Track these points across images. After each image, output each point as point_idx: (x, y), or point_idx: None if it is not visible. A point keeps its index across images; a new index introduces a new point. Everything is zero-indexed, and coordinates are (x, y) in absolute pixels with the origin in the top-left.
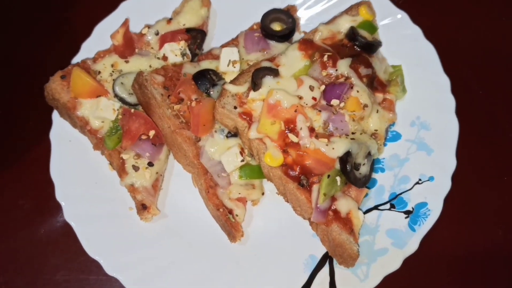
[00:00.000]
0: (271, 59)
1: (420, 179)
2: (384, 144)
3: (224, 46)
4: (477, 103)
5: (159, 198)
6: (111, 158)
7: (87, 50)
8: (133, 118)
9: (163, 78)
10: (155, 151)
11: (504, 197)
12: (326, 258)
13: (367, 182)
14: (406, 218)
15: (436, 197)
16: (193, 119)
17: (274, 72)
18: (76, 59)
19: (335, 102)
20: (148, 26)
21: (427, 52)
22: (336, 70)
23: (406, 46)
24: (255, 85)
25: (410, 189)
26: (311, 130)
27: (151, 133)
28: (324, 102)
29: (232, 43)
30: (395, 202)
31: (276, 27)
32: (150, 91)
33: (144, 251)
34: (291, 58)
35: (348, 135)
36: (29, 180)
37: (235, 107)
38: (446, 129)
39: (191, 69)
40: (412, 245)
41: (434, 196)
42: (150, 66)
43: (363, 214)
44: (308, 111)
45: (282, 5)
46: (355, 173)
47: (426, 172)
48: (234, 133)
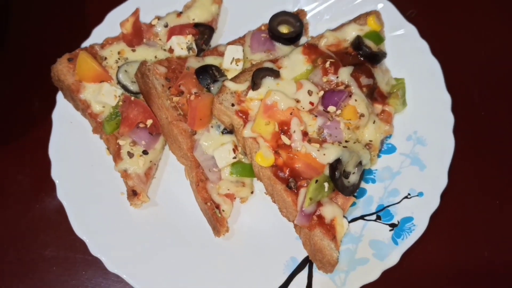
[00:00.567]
0: (273, 61)
1: (409, 194)
2: (378, 155)
3: (230, 43)
4: (477, 124)
5: (151, 187)
6: (109, 142)
7: (98, 36)
8: (132, 106)
9: (166, 69)
10: (151, 140)
11: (494, 220)
12: (307, 262)
13: (354, 191)
14: (390, 230)
15: (422, 213)
16: (190, 112)
17: (275, 74)
18: (86, 44)
19: (331, 109)
20: (158, 18)
21: (432, 67)
22: (337, 77)
23: (411, 60)
24: (255, 84)
25: (398, 202)
26: (304, 134)
27: (149, 122)
28: (321, 108)
29: (239, 41)
30: (381, 214)
31: (284, 29)
32: (151, 81)
33: (129, 236)
34: (294, 61)
35: (341, 143)
36: (30, 157)
37: (233, 105)
38: (441, 146)
39: (195, 63)
40: (393, 258)
41: (421, 212)
42: (156, 57)
43: (348, 222)
44: (304, 115)
45: (293, 8)
46: (343, 180)
47: (416, 187)
48: (229, 130)
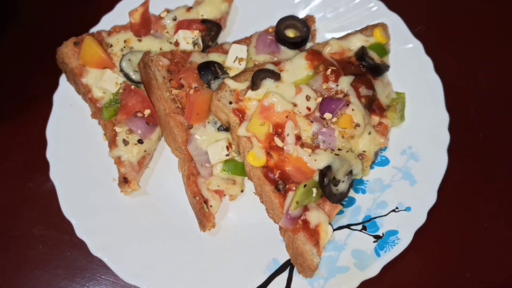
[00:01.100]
0: (276, 63)
1: (397, 207)
2: (371, 167)
3: (236, 42)
4: (473, 146)
5: (143, 176)
6: (106, 128)
7: (106, 23)
8: (132, 94)
9: (169, 62)
10: (147, 130)
11: (479, 242)
12: (288, 265)
13: (342, 199)
14: (374, 242)
15: (408, 228)
16: (188, 106)
17: (276, 76)
18: (94, 30)
19: (328, 115)
20: (168, 11)
21: (434, 85)
22: (337, 85)
23: (413, 75)
24: (254, 84)
25: (385, 215)
26: (298, 138)
27: (147, 112)
28: (318, 114)
29: (244, 41)
30: (367, 224)
31: (290, 33)
32: (153, 72)
33: (116, 222)
34: (296, 66)
35: (333, 150)
36: (28, 135)
37: (231, 102)
38: (434, 164)
39: (198, 58)
40: (373, 269)
41: (406, 226)
42: (161, 49)
43: (334, 230)
44: (300, 120)
45: (303, 14)
46: (332, 188)
47: (404, 201)
48: (226, 127)
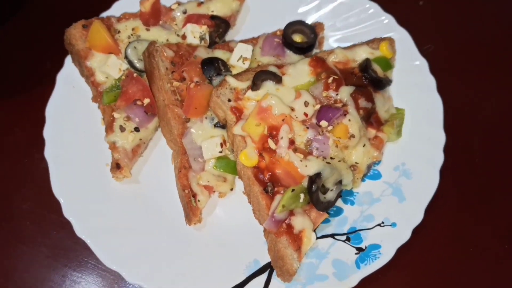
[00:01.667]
0: (279, 66)
1: (383, 222)
2: (363, 179)
3: (243, 42)
4: (468, 169)
5: (137, 164)
6: (104, 113)
7: (117, 9)
8: (133, 82)
9: (174, 53)
10: (145, 119)
11: (461, 266)
12: (268, 267)
13: (328, 207)
14: (356, 254)
15: (391, 243)
16: (187, 99)
17: (277, 79)
18: (104, 15)
19: (324, 123)
20: (179, 3)
21: (434, 105)
22: (337, 94)
23: (416, 93)
24: (255, 85)
25: (371, 228)
26: (291, 142)
27: (146, 101)
28: (314, 121)
29: (251, 41)
30: (352, 236)
31: (297, 38)
32: (156, 62)
33: (104, 207)
34: (299, 71)
35: (326, 158)
36: (30, 113)
37: (229, 100)
38: (425, 183)
39: (203, 53)
40: (352, 281)
41: (389, 242)
42: (167, 40)
43: (318, 238)
44: (296, 124)
45: (313, 20)
46: (319, 195)
47: (391, 217)
48: (222, 124)
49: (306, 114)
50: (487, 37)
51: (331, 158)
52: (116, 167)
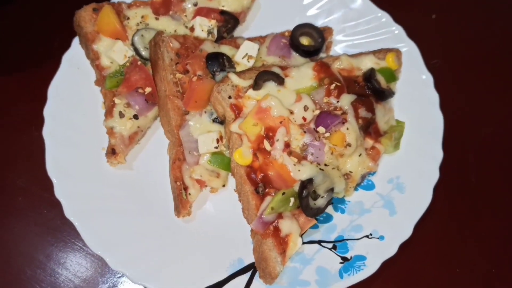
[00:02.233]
0: (283, 67)
1: (371, 234)
2: (356, 188)
3: (250, 39)
4: (463, 189)
5: (132, 151)
6: (106, 97)
7: None
8: (136, 70)
9: (180, 45)
10: (145, 107)
11: (447, 285)
12: (251, 268)
13: (317, 214)
14: (341, 263)
15: (377, 256)
16: (188, 92)
17: (279, 80)
18: (115, 0)
19: (321, 129)
20: None
21: (435, 121)
22: (338, 102)
23: (418, 107)
24: (256, 84)
25: (358, 239)
26: (287, 145)
27: (147, 89)
28: (312, 126)
29: (259, 39)
30: (339, 244)
31: (304, 41)
32: (161, 52)
33: (96, 190)
34: (302, 74)
35: (320, 165)
36: (35, 90)
37: (230, 97)
38: (418, 199)
39: (209, 47)
40: None
41: (375, 254)
42: (175, 31)
43: (304, 243)
44: (293, 127)
45: (322, 24)
46: (309, 201)
47: (380, 229)
48: (221, 120)
49: (304, 119)
50: (496, 59)
51: (325, 165)
52: (112, 152)
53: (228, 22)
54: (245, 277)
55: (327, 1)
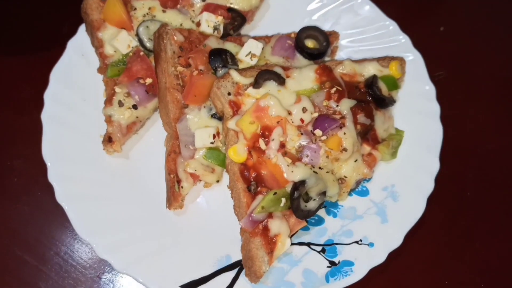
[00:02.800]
0: (285, 68)
1: (361, 240)
2: (350, 193)
3: (256, 38)
4: (457, 202)
5: (130, 141)
6: (107, 85)
7: None
8: (138, 60)
9: (184, 39)
10: (145, 98)
11: None
12: (238, 265)
13: (308, 216)
14: (328, 267)
15: (364, 263)
16: (188, 86)
17: (280, 80)
18: None
19: (318, 132)
20: None
21: (435, 132)
22: (337, 106)
23: (418, 117)
24: (257, 83)
25: (348, 244)
26: (282, 145)
27: (148, 80)
28: (310, 128)
29: (264, 39)
30: (328, 248)
31: (309, 43)
32: (164, 44)
33: (89, 176)
34: (304, 76)
35: (314, 167)
36: (37, 72)
37: (229, 94)
38: (411, 209)
39: (214, 43)
40: None
41: (364, 261)
42: (181, 25)
43: (294, 244)
44: (290, 128)
45: (329, 28)
46: (300, 203)
47: (370, 236)
48: (219, 116)
49: (302, 120)
50: (501, 77)
51: (320, 168)
52: (108, 140)
53: (235, 20)
54: (231, 273)
55: (335, 6)
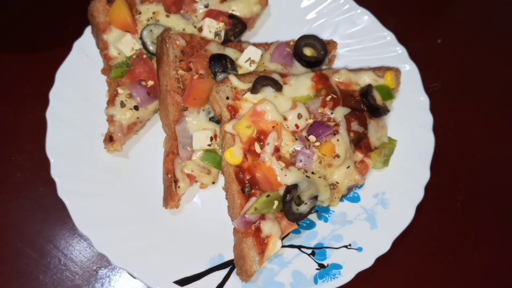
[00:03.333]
0: (282, 75)
1: (350, 244)
2: (341, 199)
3: (255, 45)
4: (447, 212)
5: (130, 140)
6: (110, 86)
7: None
8: (141, 63)
9: (186, 43)
10: (146, 99)
11: None
12: (230, 264)
13: (299, 219)
14: (317, 269)
15: (352, 266)
16: (188, 89)
17: (277, 87)
18: None
19: (312, 138)
20: None
21: (426, 143)
22: (332, 113)
23: (411, 127)
24: (254, 88)
25: (337, 248)
26: (277, 150)
27: (150, 82)
28: (304, 134)
29: (263, 46)
30: (317, 251)
31: (307, 52)
32: (167, 48)
33: (90, 174)
34: (300, 83)
35: (307, 172)
36: (42, 71)
37: (228, 98)
38: (400, 216)
39: (214, 48)
40: None
41: (351, 265)
42: (184, 30)
43: (285, 246)
44: (285, 134)
45: (328, 37)
46: (292, 206)
47: (359, 241)
48: (217, 119)
49: (297, 126)
50: (497, 90)
51: (312, 173)
52: (109, 139)
53: (236, 26)
54: (223, 272)
55: (334, 15)
